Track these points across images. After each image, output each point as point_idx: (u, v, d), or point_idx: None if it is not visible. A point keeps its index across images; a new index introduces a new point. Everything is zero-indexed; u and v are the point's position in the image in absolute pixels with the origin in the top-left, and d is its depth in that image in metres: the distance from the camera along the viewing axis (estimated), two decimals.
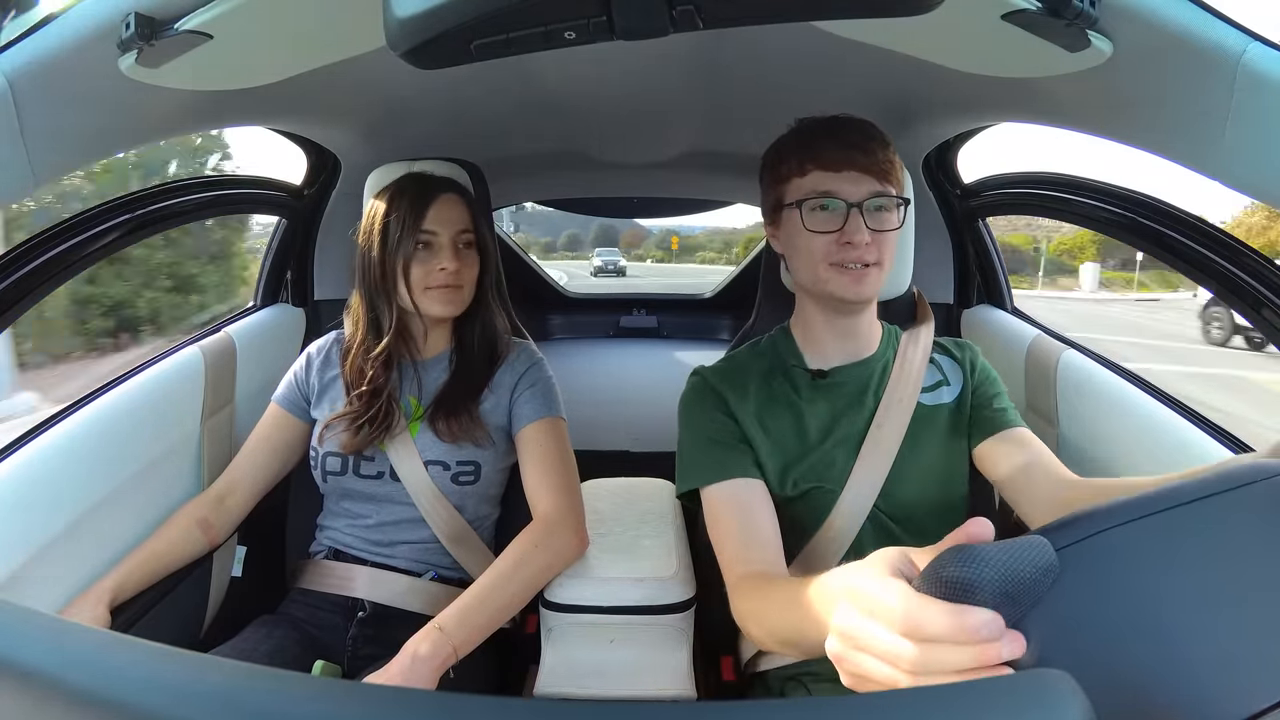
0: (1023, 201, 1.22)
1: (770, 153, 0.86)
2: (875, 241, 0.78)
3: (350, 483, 0.98)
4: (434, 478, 0.96)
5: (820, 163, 0.79)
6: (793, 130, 0.85)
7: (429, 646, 0.77)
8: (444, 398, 0.98)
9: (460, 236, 0.97)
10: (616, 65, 1.04)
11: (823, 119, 0.82)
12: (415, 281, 0.95)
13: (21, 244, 0.85)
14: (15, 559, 0.77)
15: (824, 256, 0.79)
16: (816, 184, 0.79)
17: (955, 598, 0.32)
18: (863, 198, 0.78)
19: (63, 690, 0.24)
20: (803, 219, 0.79)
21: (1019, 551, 0.32)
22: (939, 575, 0.33)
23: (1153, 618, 0.32)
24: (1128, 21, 0.57)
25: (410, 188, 0.97)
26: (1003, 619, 0.31)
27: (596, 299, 2.73)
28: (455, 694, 0.25)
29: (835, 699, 0.26)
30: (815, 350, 0.87)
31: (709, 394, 0.85)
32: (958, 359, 0.90)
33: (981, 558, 0.32)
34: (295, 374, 1.06)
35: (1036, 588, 0.32)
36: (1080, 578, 0.32)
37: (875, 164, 0.78)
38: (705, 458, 0.82)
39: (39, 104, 0.65)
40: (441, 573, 0.99)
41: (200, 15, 0.61)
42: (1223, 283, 0.82)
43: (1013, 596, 0.32)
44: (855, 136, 0.79)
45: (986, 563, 0.32)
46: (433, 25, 0.40)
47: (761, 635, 0.68)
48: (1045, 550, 0.32)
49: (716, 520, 0.80)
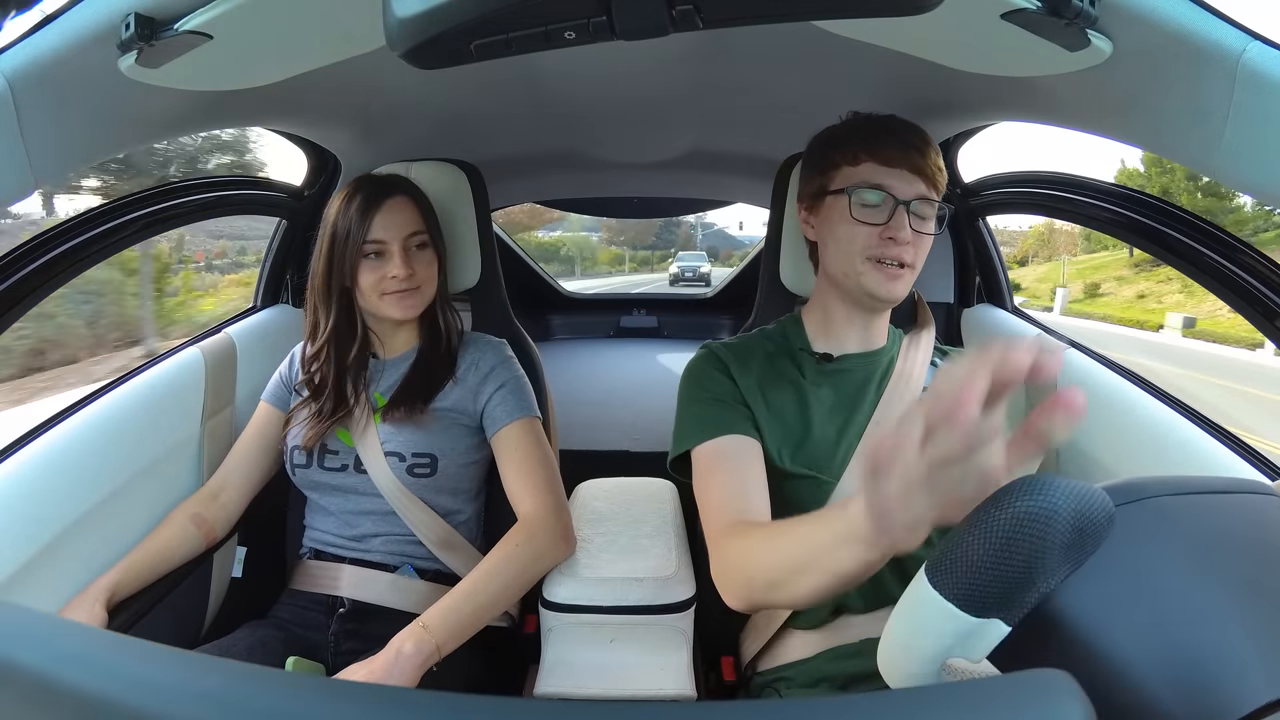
0: (1023, 201, 1.22)
1: (820, 139, 0.86)
2: (914, 242, 0.79)
3: (316, 475, 0.99)
4: (392, 469, 0.97)
5: (877, 156, 0.79)
6: (848, 120, 0.85)
7: (413, 644, 0.79)
8: (399, 391, 1.00)
9: (411, 239, 0.98)
10: (617, 65, 1.04)
11: (880, 116, 0.83)
12: (369, 288, 0.97)
13: (22, 244, 0.85)
14: (16, 559, 0.77)
15: (864, 249, 0.80)
16: (869, 175, 0.79)
17: (1029, 530, 0.30)
18: (911, 197, 0.79)
19: (57, 688, 0.24)
20: (850, 208, 0.80)
21: (1088, 490, 0.32)
22: (1010, 508, 0.31)
23: (1175, 594, 0.31)
24: (1128, 21, 0.57)
25: (357, 195, 0.98)
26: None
27: (596, 299, 2.74)
28: (455, 694, 0.25)
29: (836, 699, 0.26)
30: (826, 339, 0.88)
31: (714, 361, 0.85)
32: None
33: (1054, 486, 0.31)
34: (281, 372, 1.09)
35: (1101, 531, 0.31)
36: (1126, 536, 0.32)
37: (927, 168, 0.79)
38: (701, 416, 0.81)
39: (39, 104, 0.65)
40: (417, 564, 0.99)
41: (200, 15, 0.61)
42: (1222, 281, 0.82)
43: (1083, 533, 0.31)
44: (914, 138, 0.80)
45: (1059, 491, 0.31)
46: (433, 25, 0.40)
47: (753, 574, 0.64)
48: (1107, 499, 0.32)
49: (707, 473, 0.78)
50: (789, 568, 0.57)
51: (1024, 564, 0.31)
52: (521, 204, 2.25)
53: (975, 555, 0.32)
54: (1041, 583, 0.31)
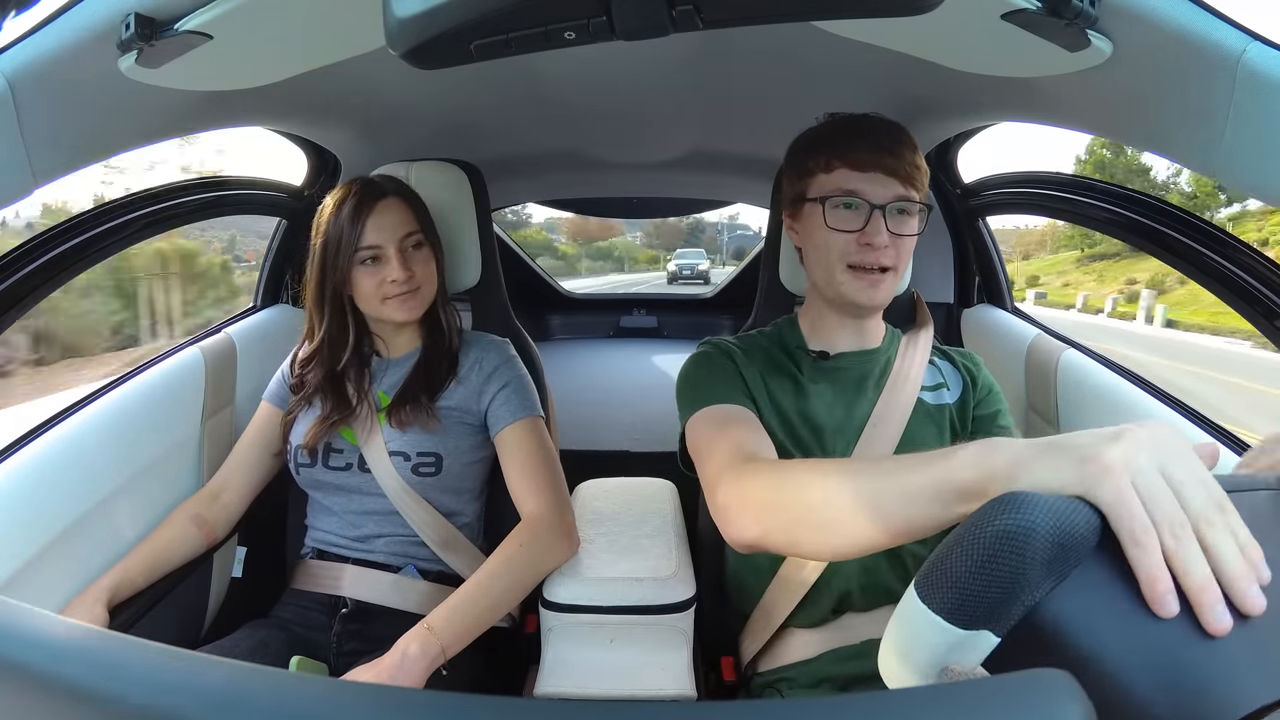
0: (1023, 201, 1.22)
1: (798, 144, 0.85)
2: (894, 245, 0.78)
3: (321, 474, 0.99)
4: (396, 468, 0.97)
5: (848, 161, 0.78)
6: (823, 124, 0.84)
7: (419, 646, 0.78)
8: (402, 390, 1.00)
9: (406, 240, 0.97)
10: (617, 65, 1.04)
11: (854, 116, 0.82)
12: (369, 294, 0.96)
13: (22, 244, 0.85)
14: (16, 559, 0.77)
15: (841, 256, 0.79)
16: (842, 182, 0.79)
17: (1008, 547, 0.31)
18: (887, 200, 0.77)
19: (58, 688, 0.24)
20: (825, 216, 0.79)
21: (1070, 505, 0.32)
22: (990, 526, 0.32)
23: None
24: (1128, 21, 0.57)
25: (346, 200, 0.96)
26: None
27: (596, 299, 2.74)
28: (455, 694, 0.25)
29: (836, 699, 0.26)
30: (821, 340, 0.87)
31: (718, 353, 0.85)
32: (958, 365, 0.90)
33: (1034, 504, 0.31)
34: (283, 371, 1.08)
35: (1084, 544, 0.31)
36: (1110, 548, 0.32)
37: (902, 167, 0.78)
38: (703, 389, 0.78)
39: (39, 104, 0.65)
40: (421, 566, 0.99)
41: (200, 15, 0.61)
42: (1222, 281, 0.82)
43: (1065, 548, 0.31)
44: (886, 138, 0.79)
45: (1039, 508, 0.31)
46: (433, 25, 0.40)
47: (790, 504, 0.54)
48: (1091, 512, 0.32)
49: (712, 427, 0.72)
50: (840, 505, 0.48)
51: (1006, 579, 0.31)
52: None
53: (959, 571, 0.33)
54: (1025, 596, 0.31)
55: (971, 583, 0.32)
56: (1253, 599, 0.30)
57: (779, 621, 0.84)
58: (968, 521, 0.33)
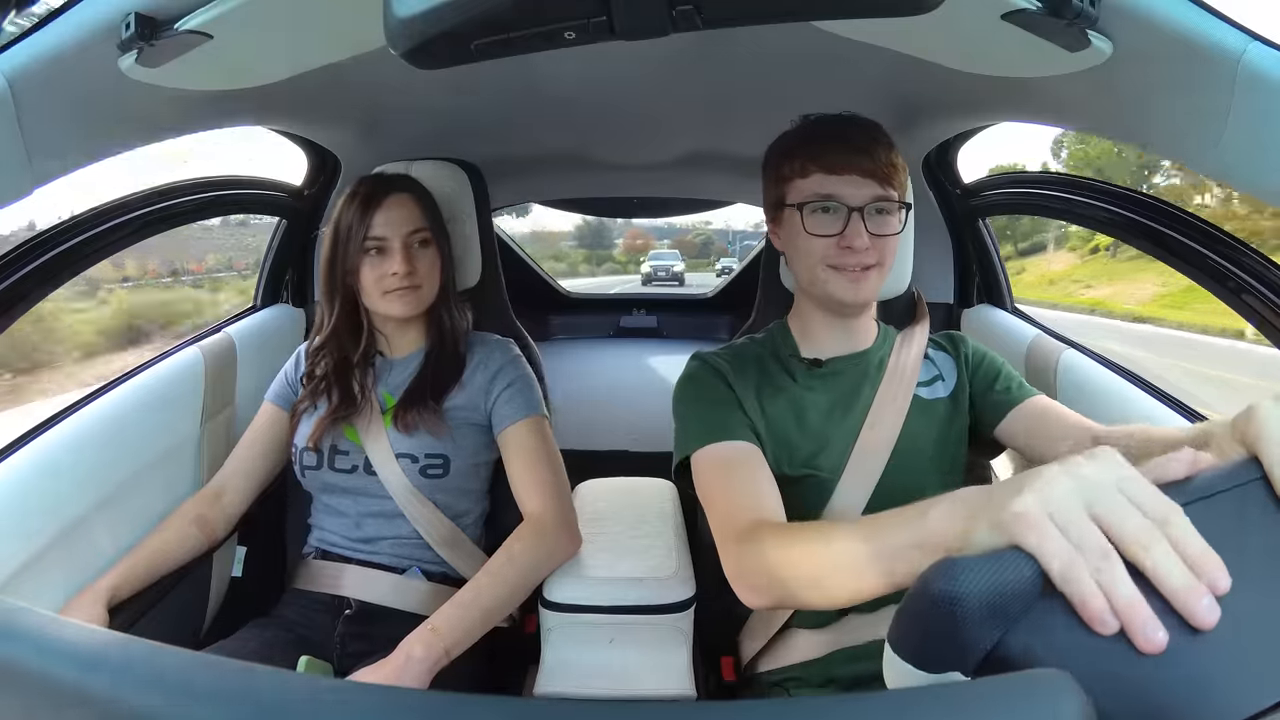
0: (1023, 201, 1.22)
1: (774, 149, 0.85)
2: (875, 245, 0.78)
3: (327, 476, 0.99)
4: (404, 470, 0.97)
5: (822, 165, 0.78)
6: (797, 128, 0.84)
7: (422, 648, 0.78)
8: (409, 392, 1.00)
9: (412, 237, 0.98)
10: (616, 65, 1.04)
11: (827, 118, 0.82)
12: (370, 286, 0.98)
13: (23, 244, 0.85)
14: (16, 559, 0.77)
15: (822, 258, 0.79)
16: (818, 187, 0.78)
17: (942, 611, 0.32)
18: (864, 202, 0.77)
19: (58, 688, 0.24)
20: (803, 221, 0.79)
21: (1005, 565, 0.33)
22: (926, 592, 0.33)
23: None
24: (1128, 21, 0.57)
25: (359, 192, 0.98)
26: None
27: (596, 299, 2.74)
28: (455, 694, 0.25)
29: (836, 698, 0.26)
30: (812, 344, 0.87)
31: (708, 370, 0.84)
32: (951, 353, 0.90)
33: (964, 569, 0.32)
34: (286, 372, 1.08)
35: (1022, 599, 0.32)
36: None
37: (878, 167, 0.77)
38: (705, 420, 0.79)
39: (39, 104, 0.65)
40: (425, 568, 0.99)
41: (200, 15, 0.61)
42: (1222, 282, 0.82)
43: (998, 609, 0.32)
44: (859, 139, 0.78)
45: (967, 574, 0.32)
46: (433, 25, 0.40)
47: (792, 572, 0.59)
48: (1030, 564, 0.33)
49: (715, 477, 0.75)
50: (835, 567, 0.53)
51: (948, 638, 0.33)
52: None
53: (910, 629, 0.35)
54: (974, 648, 0.32)
55: (923, 639, 0.34)
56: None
57: (780, 622, 0.84)
58: (914, 584, 0.35)
